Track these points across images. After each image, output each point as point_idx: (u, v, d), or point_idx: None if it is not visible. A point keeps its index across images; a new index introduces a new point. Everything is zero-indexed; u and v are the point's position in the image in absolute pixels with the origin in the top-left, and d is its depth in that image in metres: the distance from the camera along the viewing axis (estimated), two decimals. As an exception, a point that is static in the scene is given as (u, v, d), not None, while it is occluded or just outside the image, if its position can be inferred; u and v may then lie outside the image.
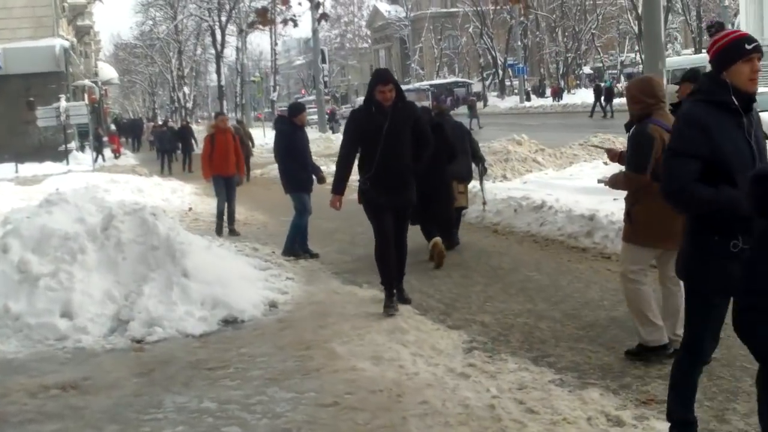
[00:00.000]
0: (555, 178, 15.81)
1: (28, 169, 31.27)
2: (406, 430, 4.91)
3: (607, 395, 5.34)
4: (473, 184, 12.15)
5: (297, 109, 11.63)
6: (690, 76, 7.13)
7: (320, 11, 10.60)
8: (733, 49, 4.04)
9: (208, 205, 18.32)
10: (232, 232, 13.45)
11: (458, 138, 10.86)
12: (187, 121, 39.37)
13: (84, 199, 17.55)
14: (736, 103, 4.01)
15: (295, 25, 12.30)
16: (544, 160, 19.73)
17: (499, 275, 9.21)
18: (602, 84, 51.99)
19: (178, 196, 20.06)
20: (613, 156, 6.48)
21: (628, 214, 5.98)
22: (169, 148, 32.81)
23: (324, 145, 37.02)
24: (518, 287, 8.56)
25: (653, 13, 13.64)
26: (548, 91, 74.36)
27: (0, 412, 5.55)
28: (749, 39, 4.07)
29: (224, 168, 13.44)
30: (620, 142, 21.08)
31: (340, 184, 7.91)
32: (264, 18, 10.43)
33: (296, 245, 10.94)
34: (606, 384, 5.56)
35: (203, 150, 13.87)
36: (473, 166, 11.52)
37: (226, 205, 13.65)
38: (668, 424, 4.40)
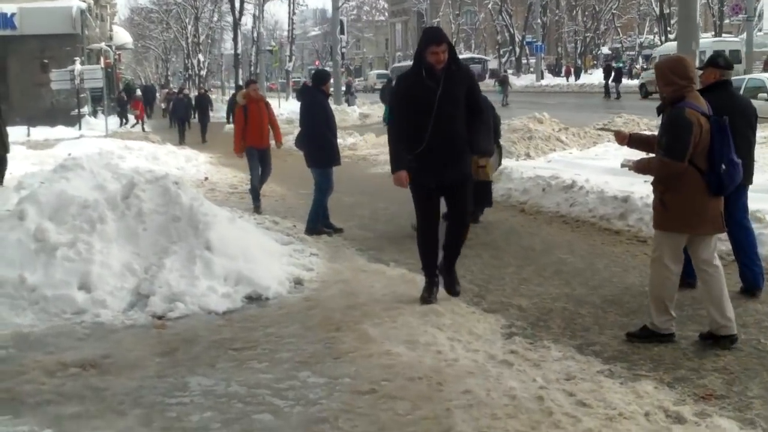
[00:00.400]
0: (580, 158, 15.46)
1: (40, 132, 31.21)
2: (451, 423, 4.57)
3: (662, 388, 5.02)
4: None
5: (325, 76, 10.96)
6: (714, 61, 7.01)
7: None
8: None
9: (224, 174, 18.00)
10: (256, 209, 12.54)
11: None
12: (205, 89, 38.01)
13: (99, 166, 17.29)
14: None
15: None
16: (567, 140, 19.28)
17: (532, 257, 8.85)
18: (613, 64, 51.12)
19: (193, 165, 19.73)
20: (622, 139, 6.33)
21: (662, 201, 5.77)
22: (183, 116, 31.85)
23: (340, 117, 36.47)
24: (553, 270, 8.21)
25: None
26: (563, 71, 73.59)
27: (16, 391, 5.21)
28: None
29: (258, 140, 12.44)
30: (645, 124, 20.70)
31: (400, 159, 6.85)
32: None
33: (319, 223, 10.54)
34: (659, 376, 5.24)
35: (236, 122, 12.93)
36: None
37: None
38: (732, 422, 4.09)
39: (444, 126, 6.65)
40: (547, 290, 7.45)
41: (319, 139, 10.27)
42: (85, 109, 37.49)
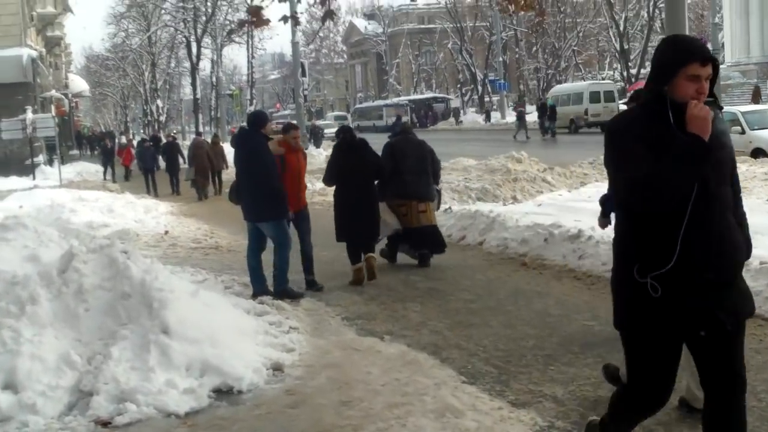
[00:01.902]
0: (572, 201, 14.39)
1: None
2: None
3: None
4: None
5: (263, 117, 9.57)
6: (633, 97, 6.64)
7: (326, 7, 9.16)
8: None
9: (186, 227, 16.53)
10: (312, 285, 9.74)
11: (420, 156, 10.92)
12: (173, 136, 35.30)
13: (46, 222, 15.76)
14: None
15: (297, 23, 10.81)
16: (554, 180, 18.16)
17: (551, 325, 7.52)
18: (547, 102, 47.79)
19: (153, 217, 18.22)
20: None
21: None
22: (150, 165, 28.20)
23: (307, 160, 35.29)
24: (580, 342, 6.89)
25: (677, 15, 12.12)
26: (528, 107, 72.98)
27: None
28: None
29: (296, 200, 9.76)
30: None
31: None
32: (258, 17, 9.30)
33: (287, 283, 9.19)
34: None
35: None
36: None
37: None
38: None
39: (708, 212, 3.54)
40: (582, 371, 6.12)
41: (263, 187, 8.97)
42: (40, 158, 35.95)
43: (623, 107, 48.16)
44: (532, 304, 8.34)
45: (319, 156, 36.43)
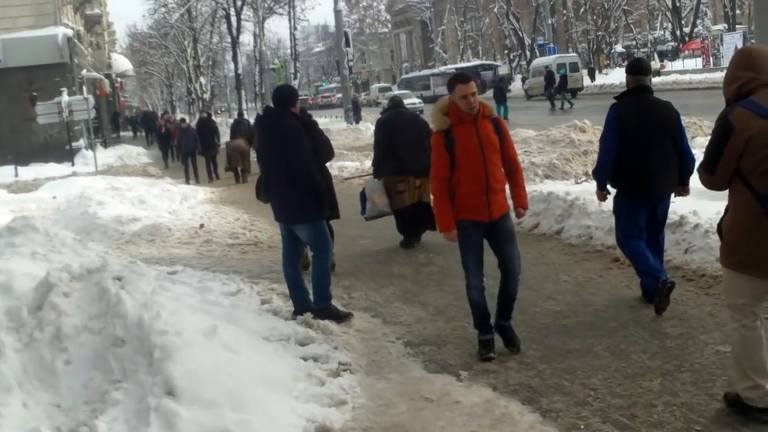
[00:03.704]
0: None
1: (31, 171, 29.12)
2: None
3: None
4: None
5: (292, 92, 7.74)
6: (627, 67, 7.09)
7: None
8: None
9: (223, 218, 14.98)
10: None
11: (414, 130, 10.55)
12: (208, 113, 31.32)
13: (71, 217, 14.31)
14: None
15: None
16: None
17: (674, 352, 5.78)
18: (555, 71, 46.48)
19: (189, 207, 16.75)
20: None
21: (719, 226, 4.72)
22: (192, 149, 24.58)
23: (353, 136, 33.67)
24: (722, 380, 5.18)
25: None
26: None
27: None
28: None
29: (480, 202, 6.41)
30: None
31: None
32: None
33: (330, 297, 7.43)
34: None
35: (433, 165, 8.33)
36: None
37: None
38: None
39: None
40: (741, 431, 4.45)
41: (298, 181, 7.15)
42: (80, 143, 34.83)
43: (587, 78, 48.29)
44: (640, 320, 6.62)
45: (366, 131, 34.50)
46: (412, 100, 53.74)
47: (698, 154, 5.75)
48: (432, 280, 8.76)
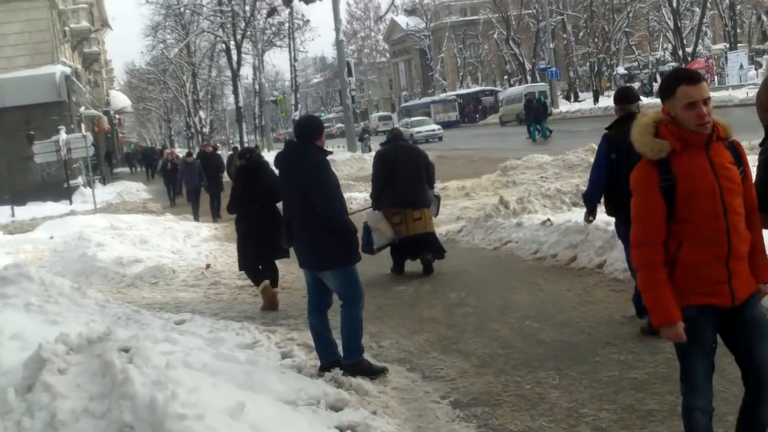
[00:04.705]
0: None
1: (28, 211, 28.44)
2: None
3: None
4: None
5: (317, 124, 6.77)
6: (615, 96, 7.43)
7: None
8: None
9: (230, 256, 14.06)
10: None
11: (412, 162, 10.60)
12: (213, 147, 29.00)
13: (69, 260, 13.41)
14: None
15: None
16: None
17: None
18: (538, 98, 44.47)
19: (193, 245, 15.86)
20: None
21: None
22: (198, 184, 22.57)
23: (357, 166, 32.87)
24: None
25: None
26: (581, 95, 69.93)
27: None
28: None
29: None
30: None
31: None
32: None
33: (362, 350, 6.57)
34: None
35: None
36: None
37: None
38: None
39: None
40: None
41: (326, 222, 6.31)
42: (78, 180, 34.17)
43: (591, 101, 47.95)
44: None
45: (371, 160, 33.71)
46: (431, 127, 53.43)
47: None
48: (468, 323, 7.87)
